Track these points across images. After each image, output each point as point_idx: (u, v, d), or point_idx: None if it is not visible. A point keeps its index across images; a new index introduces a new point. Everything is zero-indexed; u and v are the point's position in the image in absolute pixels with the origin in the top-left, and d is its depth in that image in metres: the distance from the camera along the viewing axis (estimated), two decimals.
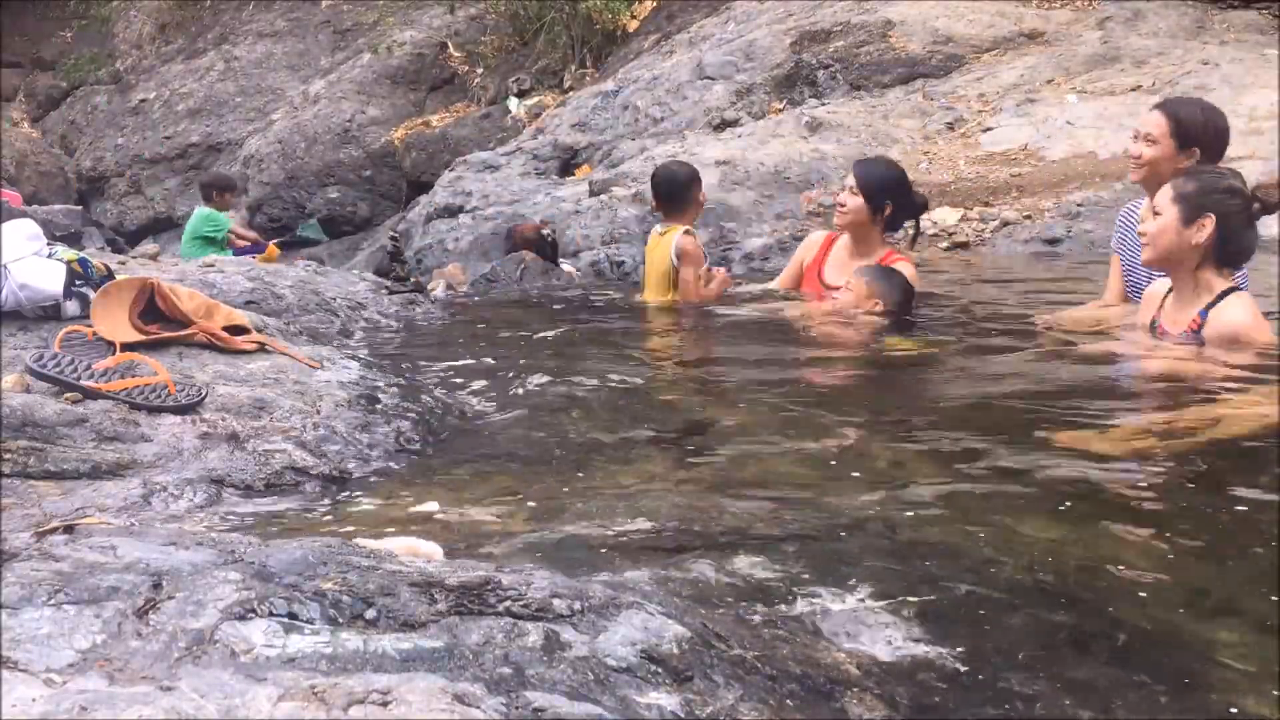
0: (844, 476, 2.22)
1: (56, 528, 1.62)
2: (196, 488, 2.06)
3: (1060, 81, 8.11)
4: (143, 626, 1.24)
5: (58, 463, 2.07)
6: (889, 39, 8.94)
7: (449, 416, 2.82)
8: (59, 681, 1.12)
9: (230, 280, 4.24)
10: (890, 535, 1.85)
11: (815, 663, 1.34)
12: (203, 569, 1.39)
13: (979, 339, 3.81)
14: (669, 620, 1.33)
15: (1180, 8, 8.91)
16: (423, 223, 8.31)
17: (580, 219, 7.10)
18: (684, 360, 3.64)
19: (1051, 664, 1.39)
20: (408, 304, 4.76)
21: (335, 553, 1.47)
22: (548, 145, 9.27)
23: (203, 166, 13.96)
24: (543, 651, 1.24)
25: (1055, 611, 1.56)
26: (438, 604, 1.32)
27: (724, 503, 2.01)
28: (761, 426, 2.68)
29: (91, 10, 17.24)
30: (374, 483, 2.27)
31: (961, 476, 2.28)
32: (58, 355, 2.52)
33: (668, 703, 1.18)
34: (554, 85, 12.32)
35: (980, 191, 6.74)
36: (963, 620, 1.51)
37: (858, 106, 8.30)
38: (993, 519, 1.94)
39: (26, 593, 1.28)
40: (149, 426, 2.30)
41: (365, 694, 1.11)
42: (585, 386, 3.14)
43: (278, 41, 15.64)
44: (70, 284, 3.10)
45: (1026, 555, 1.75)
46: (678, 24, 11.38)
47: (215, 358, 2.89)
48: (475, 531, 1.87)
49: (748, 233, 6.64)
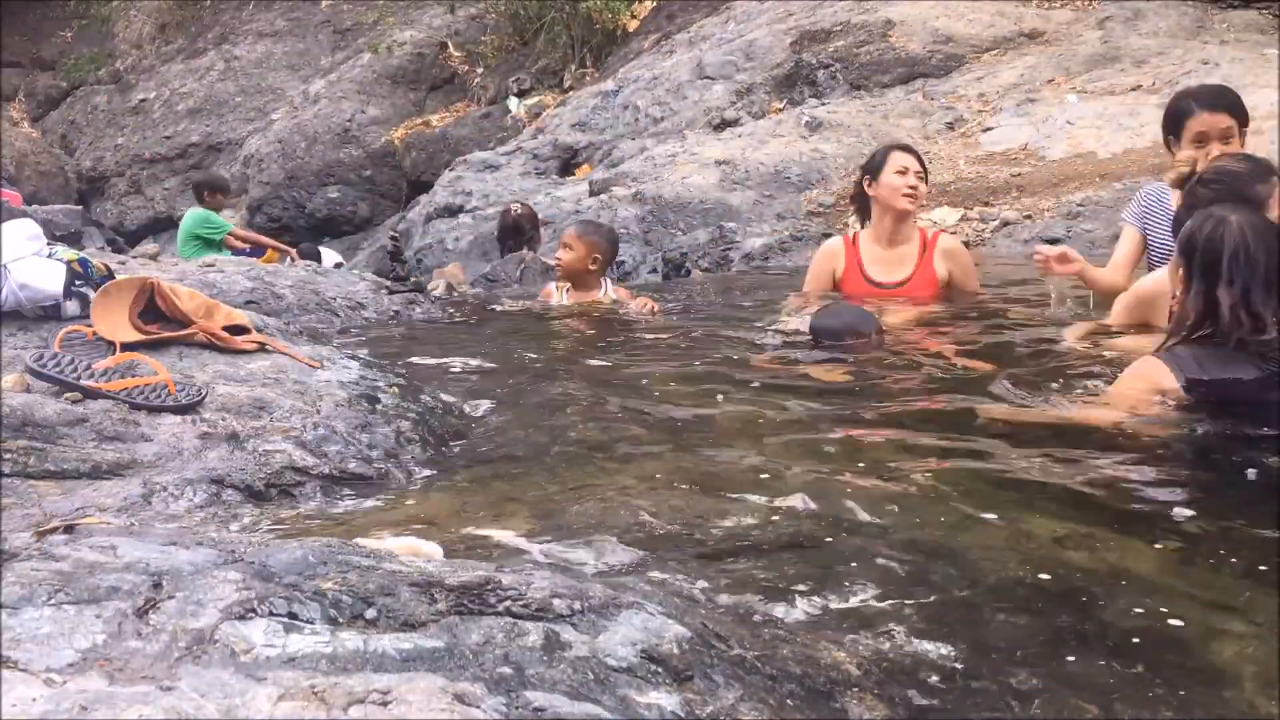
0: (844, 476, 2.22)
1: (56, 527, 1.62)
2: (196, 488, 2.06)
3: (1060, 81, 8.11)
4: (143, 626, 1.24)
5: (58, 463, 2.07)
6: (889, 39, 8.95)
7: (449, 416, 2.82)
8: (59, 681, 1.12)
9: (230, 280, 4.25)
10: (889, 535, 1.85)
11: (815, 663, 1.34)
12: (203, 569, 1.39)
13: (979, 339, 3.80)
14: (669, 620, 1.33)
15: (1180, 7, 8.91)
16: (423, 222, 8.32)
17: (580, 219, 7.10)
18: (684, 360, 3.64)
19: (1051, 663, 1.40)
20: (408, 304, 4.76)
21: (335, 553, 1.47)
22: (548, 145, 9.28)
23: (203, 166, 13.97)
24: (543, 651, 1.24)
25: (1055, 611, 1.56)
26: (438, 604, 1.32)
27: (724, 503, 2.01)
28: (761, 426, 2.68)
29: (91, 10, 17.25)
30: (374, 482, 2.28)
31: (962, 476, 2.28)
32: (58, 355, 2.52)
33: (668, 703, 1.18)
34: (554, 85, 12.33)
35: (980, 191, 6.74)
36: (962, 620, 1.51)
37: (858, 106, 8.30)
38: (993, 519, 1.94)
39: (26, 593, 1.28)
40: (149, 426, 2.30)
41: (365, 694, 1.11)
42: (584, 386, 3.14)
43: (278, 41, 15.65)
44: (70, 284, 3.09)
45: (1026, 555, 1.76)
46: (678, 24, 11.38)
47: (215, 357, 2.89)
48: (475, 531, 1.87)
49: (748, 232, 6.64)
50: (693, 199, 7.06)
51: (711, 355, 3.70)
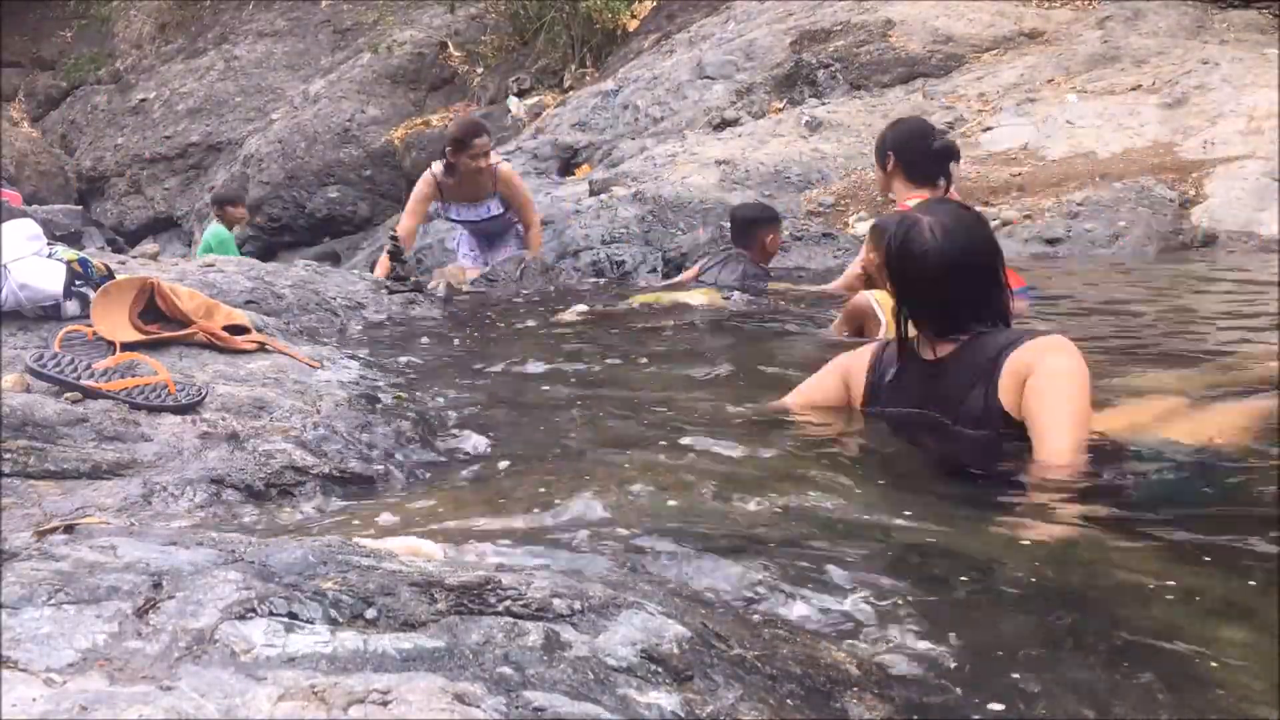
0: (844, 476, 2.22)
1: (56, 527, 1.61)
2: (196, 488, 2.06)
3: (1060, 81, 8.11)
4: (143, 626, 1.24)
5: (58, 462, 2.07)
6: (889, 38, 8.94)
7: (449, 415, 2.82)
8: (59, 681, 1.12)
9: (230, 280, 4.25)
10: (890, 535, 1.85)
11: (815, 663, 1.34)
12: (203, 569, 1.39)
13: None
14: (669, 620, 1.33)
15: (1180, 7, 8.90)
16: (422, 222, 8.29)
17: (580, 219, 7.10)
18: (684, 360, 3.64)
19: (1052, 664, 1.39)
20: (408, 304, 4.76)
21: (335, 553, 1.47)
22: (548, 145, 9.28)
23: (203, 166, 13.97)
24: (543, 651, 1.24)
25: (1055, 611, 1.55)
26: (438, 604, 1.32)
27: (724, 502, 2.01)
28: (761, 426, 2.68)
29: (91, 10, 17.25)
30: (374, 482, 2.27)
31: (963, 476, 2.28)
32: (58, 355, 2.52)
33: (668, 703, 1.18)
34: (554, 85, 12.33)
35: (980, 191, 6.74)
36: (963, 620, 1.51)
37: (858, 106, 8.30)
38: (993, 519, 1.94)
39: (26, 593, 1.28)
40: (149, 426, 2.30)
41: (365, 693, 1.11)
42: (584, 386, 3.14)
43: (278, 41, 15.65)
44: (70, 284, 3.10)
45: (1026, 555, 1.76)
46: (678, 23, 11.38)
47: (215, 357, 2.89)
48: (475, 531, 1.87)
49: None
50: (693, 199, 7.06)
51: (712, 354, 3.70)
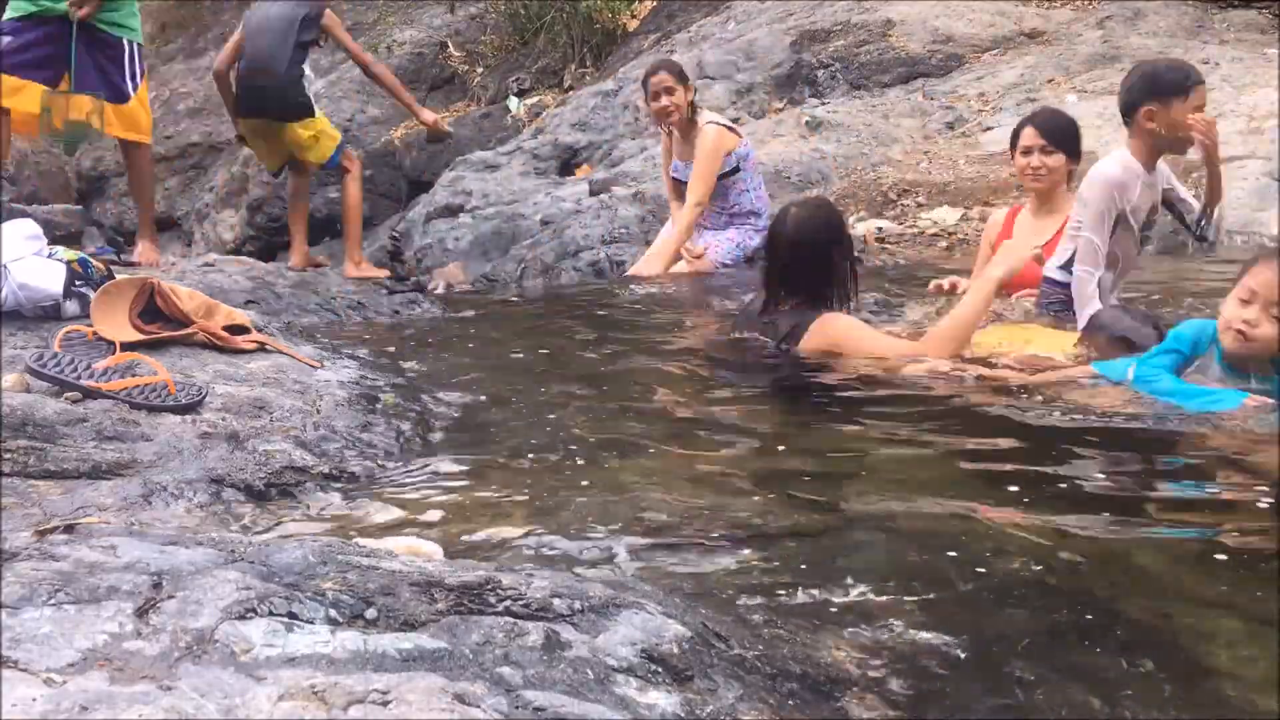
0: (843, 472, 2.22)
1: (56, 527, 1.61)
2: (196, 487, 2.06)
3: (1060, 81, 8.11)
4: (143, 626, 1.24)
5: (58, 462, 2.07)
6: (889, 38, 8.94)
7: (449, 415, 2.82)
8: (59, 681, 1.12)
9: (230, 280, 4.25)
10: (890, 531, 1.85)
11: (815, 662, 1.34)
12: (203, 569, 1.39)
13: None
14: (669, 620, 1.33)
15: (1180, 7, 8.90)
16: (423, 222, 8.30)
17: (580, 218, 7.09)
18: (683, 358, 3.64)
19: (1054, 657, 1.40)
20: (408, 304, 4.76)
21: (335, 553, 1.47)
22: (548, 145, 9.27)
23: (203, 166, 13.96)
24: (543, 651, 1.24)
25: (1057, 605, 1.56)
26: (438, 604, 1.32)
27: (723, 501, 2.01)
28: (761, 424, 2.68)
29: None
30: (374, 482, 2.27)
31: (963, 471, 2.28)
32: (58, 355, 2.52)
33: (668, 702, 1.18)
34: (554, 85, 12.32)
35: (980, 191, 6.74)
36: (964, 614, 1.51)
37: (858, 106, 8.30)
38: (993, 513, 1.94)
39: (26, 592, 1.28)
40: (149, 426, 2.30)
41: (365, 693, 1.11)
42: (584, 384, 3.14)
43: None
44: (70, 284, 3.10)
45: (1028, 548, 1.76)
46: (678, 23, 11.37)
47: (215, 357, 2.89)
48: (475, 531, 1.87)
49: None
50: None
51: (712, 352, 3.69)
